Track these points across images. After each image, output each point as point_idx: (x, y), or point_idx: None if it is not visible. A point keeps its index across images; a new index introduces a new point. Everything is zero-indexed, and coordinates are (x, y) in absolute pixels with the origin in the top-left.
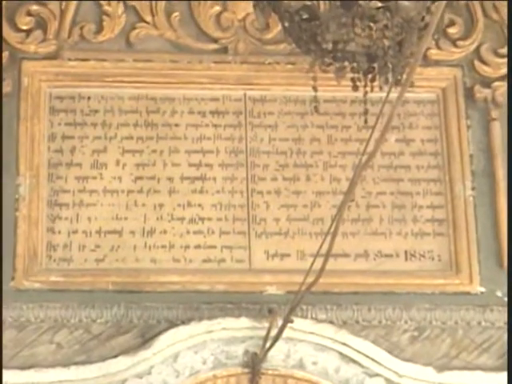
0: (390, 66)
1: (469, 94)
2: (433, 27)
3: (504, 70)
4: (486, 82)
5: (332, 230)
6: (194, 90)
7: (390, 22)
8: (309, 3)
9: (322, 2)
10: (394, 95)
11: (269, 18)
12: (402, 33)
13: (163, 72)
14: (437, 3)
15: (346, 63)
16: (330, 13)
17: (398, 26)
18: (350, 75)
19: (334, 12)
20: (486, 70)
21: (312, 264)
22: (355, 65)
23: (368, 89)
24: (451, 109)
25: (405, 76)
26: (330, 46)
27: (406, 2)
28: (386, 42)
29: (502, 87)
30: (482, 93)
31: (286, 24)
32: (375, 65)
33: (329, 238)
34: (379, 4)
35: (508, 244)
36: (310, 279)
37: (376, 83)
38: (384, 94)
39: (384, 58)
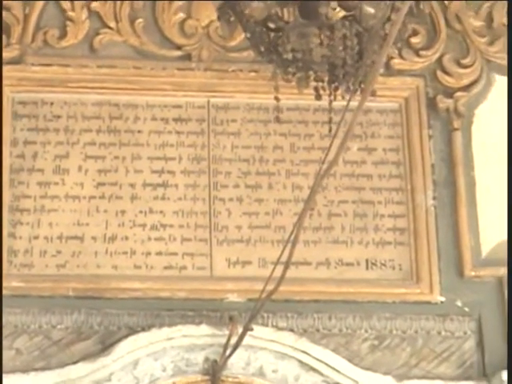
0: (350, 74)
1: (431, 103)
2: (393, 36)
3: (466, 81)
4: (449, 92)
5: (292, 237)
6: (157, 96)
7: (348, 31)
8: (273, 12)
9: (285, 12)
10: (356, 104)
11: (234, 29)
12: (361, 42)
13: (126, 78)
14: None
15: (310, 73)
16: (291, 23)
17: (358, 35)
18: (314, 84)
19: (295, 22)
20: (448, 81)
21: (272, 272)
22: (318, 74)
23: (332, 98)
24: (413, 118)
25: (364, 85)
26: (290, 56)
27: (371, 10)
28: (346, 52)
29: (464, 97)
30: (444, 103)
31: (248, 35)
32: (336, 74)
33: (290, 245)
34: (342, 13)
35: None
36: (271, 287)
37: (339, 92)
38: (349, 103)
39: (343, 67)
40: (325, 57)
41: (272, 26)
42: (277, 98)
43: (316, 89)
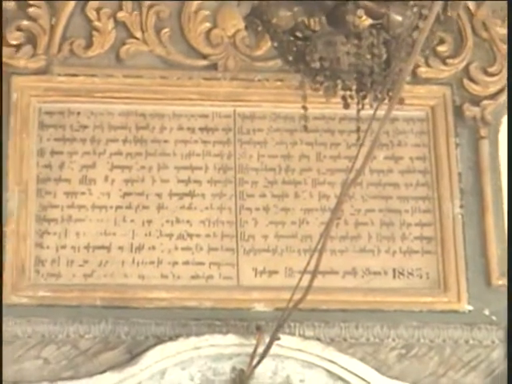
0: (378, 83)
1: (458, 112)
2: (420, 43)
3: (493, 89)
4: (475, 101)
5: (319, 246)
6: (183, 106)
7: (376, 39)
8: (300, 22)
9: (312, 21)
10: (382, 112)
11: (262, 38)
12: (389, 50)
13: (153, 88)
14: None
15: (338, 81)
16: (318, 32)
17: (385, 43)
18: (341, 93)
19: (322, 31)
20: (475, 89)
21: (299, 281)
22: (346, 83)
23: (360, 106)
24: (440, 127)
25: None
26: (317, 65)
27: (399, 18)
28: (374, 60)
29: (491, 105)
30: (471, 111)
31: (276, 44)
32: (364, 82)
33: (316, 255)
34: (369, 21)
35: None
36: (298, 296)
37: (366, 101)
38: (376, 112)
39: (371, 75)
40: (352, 65)
41: (299, 35)
42: (304, 107)
43: (344, 97)
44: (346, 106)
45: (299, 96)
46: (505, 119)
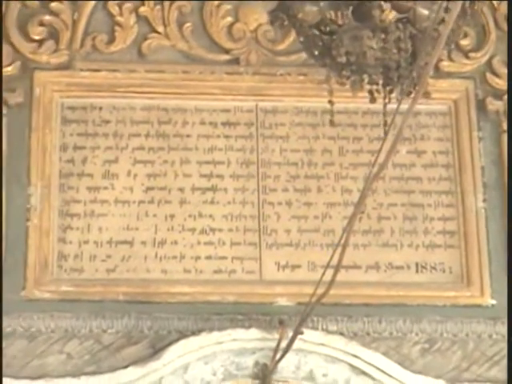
0: (405, 77)
1: (481, 105)
2: (445, 37)
3: None
4: (498, 94)
5: (342, 241)
6: (205, 100)
7: (402, 33)
8: (326, 16)
9: (338, 16)
10: (405, 106)
11: (287, 32)
12: (415, 44)
13: (175, 83)
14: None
15: (364, 76)
16: (344, 26)
17: (412, 37)
18: (368, 87)
19: (348, 25)
20: (497, 82)
21: (322, 275)
22: (372, 77)
23: (387, 101)
24: (463, 121)
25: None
26: (343, 60)
27: (425, 11)
28: (400, 54)
29: None
30: (493, 105)
31: (302, 39)
32: (391, 76)
33: (339, 249)
34: (395, 15)
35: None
36: (321, 290)
37: (393, 95)
38: (400, 106)
39: (397, 69)
40: (379, 59)
41: (325, 29)
42: (331, 102)
43: (370, 92)
44: (373, 100)
45: (321, 90)
46: None
